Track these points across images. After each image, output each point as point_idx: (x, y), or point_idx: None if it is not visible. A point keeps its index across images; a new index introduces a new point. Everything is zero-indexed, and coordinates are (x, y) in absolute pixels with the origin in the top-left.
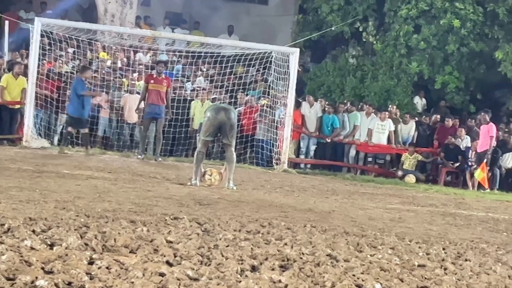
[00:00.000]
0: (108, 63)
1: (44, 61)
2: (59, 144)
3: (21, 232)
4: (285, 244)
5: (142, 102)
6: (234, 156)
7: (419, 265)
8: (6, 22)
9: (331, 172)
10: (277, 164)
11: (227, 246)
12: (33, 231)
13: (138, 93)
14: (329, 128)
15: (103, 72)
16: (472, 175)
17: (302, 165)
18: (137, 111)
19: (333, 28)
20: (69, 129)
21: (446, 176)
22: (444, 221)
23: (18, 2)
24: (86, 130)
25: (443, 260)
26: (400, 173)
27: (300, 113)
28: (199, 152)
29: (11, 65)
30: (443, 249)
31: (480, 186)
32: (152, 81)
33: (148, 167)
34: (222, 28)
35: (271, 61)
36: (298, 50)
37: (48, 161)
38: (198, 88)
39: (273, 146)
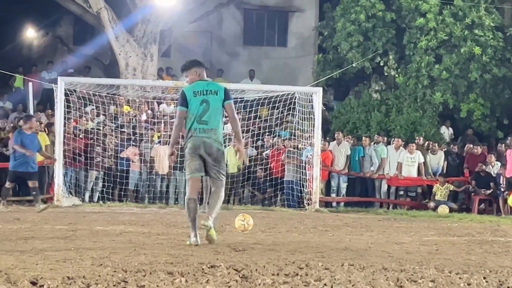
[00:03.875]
0: (139, 116)
1: (70, 119)
2: (91, 201)
3: None
4: (325, 284)
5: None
6: (222, 193)
7: None
8: (30, 84)
9: (363, 209)
10: (308, 204)
11: None
12: None
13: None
14: (357, 159)
15: (130, 125)
16: (505, 201)
17: (334, 204)
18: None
19: (354, 65)
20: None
21: (479, 204)
22: (482, 249)
23: (39, 63)
24: (35, 184)
25: None
26: (432, 204)
27: (328, 152)
28: (189, 199)
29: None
30: (484, 278)
31: None
32: None
33: (180, 218)
34: (243, 73)
35: (294, 102)
36: (321, 89)
37: (80, 218)
38: (229, 135)
39: (303, 187)
